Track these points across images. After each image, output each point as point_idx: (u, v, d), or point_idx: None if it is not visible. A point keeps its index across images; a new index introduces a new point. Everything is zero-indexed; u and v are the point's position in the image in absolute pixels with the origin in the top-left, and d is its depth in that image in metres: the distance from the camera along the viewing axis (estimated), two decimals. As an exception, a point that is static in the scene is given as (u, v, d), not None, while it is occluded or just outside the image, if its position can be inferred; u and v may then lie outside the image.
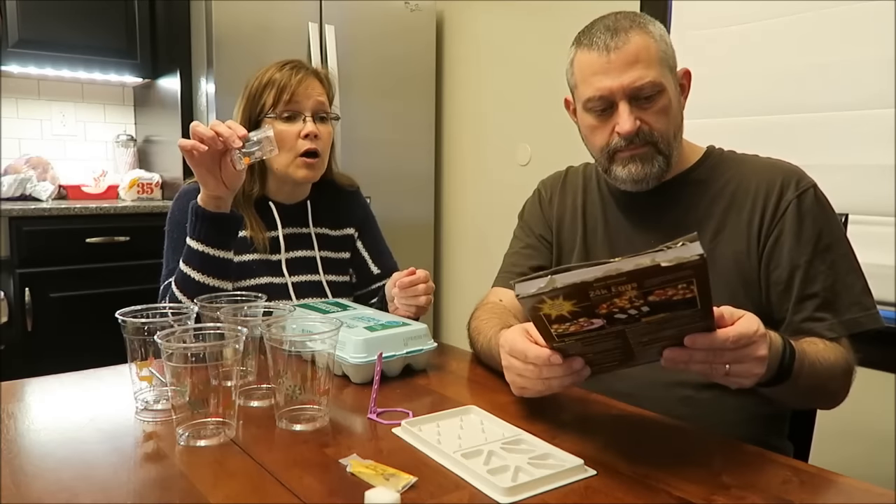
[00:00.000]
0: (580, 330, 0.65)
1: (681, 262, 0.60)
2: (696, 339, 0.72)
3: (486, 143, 2.89)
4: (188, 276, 1.17)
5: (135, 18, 2.60)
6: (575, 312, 0.62)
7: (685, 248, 0.61)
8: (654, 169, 1.05)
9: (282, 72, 1.31)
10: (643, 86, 1.00)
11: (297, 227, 1.40)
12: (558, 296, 0.60)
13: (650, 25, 1.05)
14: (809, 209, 1.01)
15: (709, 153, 1.13)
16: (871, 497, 0.69)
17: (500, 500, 0.65)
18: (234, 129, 1.10)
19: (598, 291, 0.60)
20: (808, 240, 1.00)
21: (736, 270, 1.03)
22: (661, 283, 0.61)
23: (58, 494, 0.65)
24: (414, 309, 1.21)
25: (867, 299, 1.01)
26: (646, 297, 0.62)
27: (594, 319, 0.63)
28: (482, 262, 2.88)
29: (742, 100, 1.98)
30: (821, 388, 0.94)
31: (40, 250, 2.24)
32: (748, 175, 1.07)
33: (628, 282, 0.60)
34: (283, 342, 0.81)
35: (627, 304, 0.63)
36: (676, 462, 0.75)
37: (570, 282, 0.59)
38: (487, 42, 2.85)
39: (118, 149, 2.88)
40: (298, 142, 1.30)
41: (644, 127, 1.02)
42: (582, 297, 0.61)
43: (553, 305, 0.61)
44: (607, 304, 0.62)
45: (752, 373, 0.76)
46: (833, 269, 1.00)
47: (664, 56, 1.04)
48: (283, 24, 2.48)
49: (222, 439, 0.78)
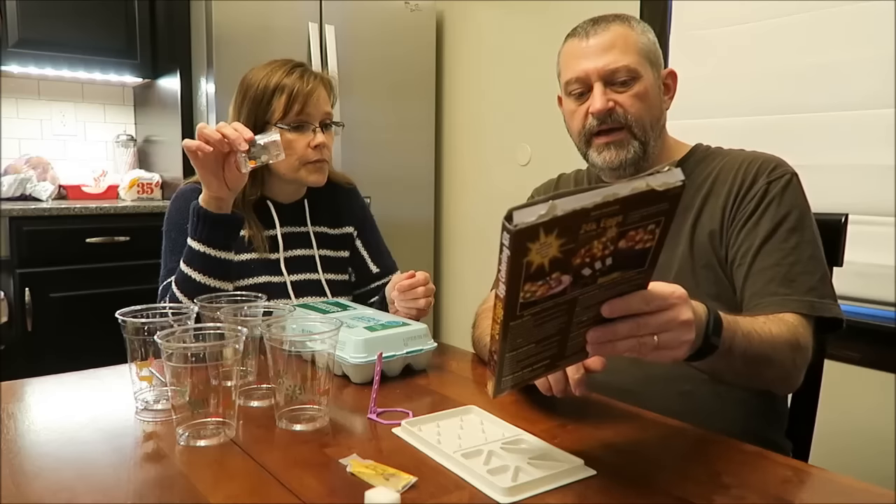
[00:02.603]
0: (545, 295, 0.63)
1: (668, 188, 0.61)
2: (613, 303, 0.68)
3: (486, 143, 2.89)
4: (189, 276, 1.17)
5: (135, 18, 2.60)
6: (555, 261, 0.61)
7: (670, 172, 0.62)
8: (630, 155, 1.07)
9: (291, 77, 1.30)
10: (617, 69, 1.04)
11: (295, 226, 1.40)
12: (553, 229, 0.58)
13: (634, 22, 1.09)
14: (778, 193, 1.01)
15: (695, 150, 1.15)
16: (871, 497, 0.69)
17: (500, 500, 0.65)
18: (241, 131, 1.10)
19: (590, 226, 0.60)
20: (769, 219, 1.00)
21: (712, 251, 1.04)
22: (640, 219, 0.62)
23: (58, 494, 0.65)
24: (414, 311, 1.21)
25: (825, 288, 0.98)
26: (617, 241, 0.63)
27: (563, 276, 0.63)
28: (482, 263, 2.89)
29: (742, 100, 1.98)
30: (764, 362, 0.88)
31: (40, 250, 2.24)
32: (728, 164, 1.08)
33: (618, 213, 0.60)
34: (283, 342, 0.81)
35: (600, 250, 0.63)
36: (676, 462, 0.75)
37: (570, 208, 0.58)
38: (487, 42, 2.85)
39: (118, 149, 2.88)
40: (308, 151, 1.31)
41: (618, 109, 1.05)
42: (572, 235, 0.60)
43: (541, 248, 0.59)
44: (586, 250, 0.62)
45: (681, 340, 0.71)
46: (795, 251, 0.99)
47: (644, 49, 1.07)
48: (283, 24, 2.48)
49: (222, 439, 0.78)
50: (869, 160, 1.72)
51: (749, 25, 1.96)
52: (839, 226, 1.10)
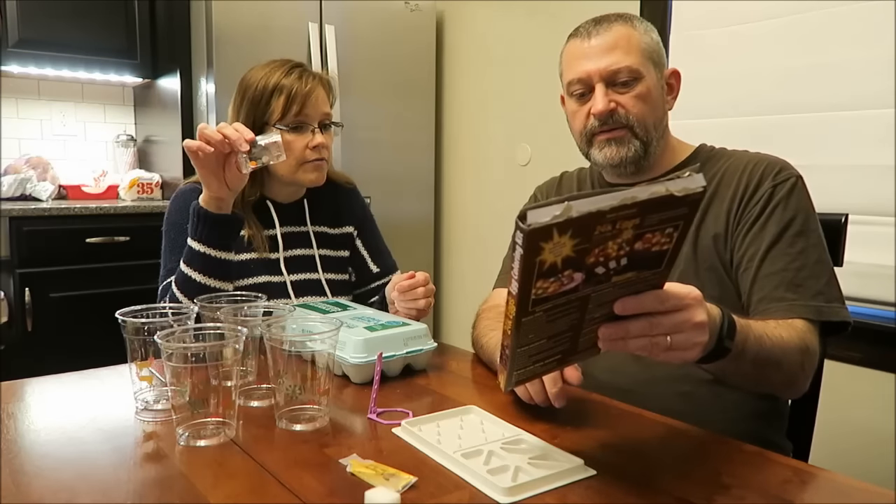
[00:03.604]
0: (557, 291, 0.63)
1: (688, 193, 0.61)
2: (626, 301, 0.66)
3: (486, 143, 2.89)
4: (189, 277, 1.17)
5: (135, 18, 2.60)
6: (568, 260, 0.61)
7: (691, 178, 0.61)
8: (630, 153, 1.07)
9: (289, 78, 1.30)
10: (619, 69, 1.04)
11: (294, 226, 1.40)
12: (567, 230, 0.58)
13: (636, 21, 1.08)
14: (784, 197, 1.01)
15: (698, 151, 1.15)
16: (870, 497, 0.69)
17: (500, 500, 0.65)
18: (242, 132, 1.10)
19: (605, 227, 0.59)
20: (776, 223, 1.00)
21: (716, 254, 1.04)
22: (658, 222, 0.62)
23: (58, 494, 0.65)
24: (415, 312, 1.21)
25: (832, 292, 0.98)
26: (633, 243, 0.62)
27: (576, 273, 0.62)
28: (482, 262, 2.88)
29: (742, 100, 1.98)
30: (773, 367, 0.88)
31: (40, 250, 2.24)
32: (733, 166, 1.08)
33: (635, 216, 0.60)
34: (283, 342, 0.81)
35: (615, 250, 0.62)
36: (676, 462, 0.75)
37: (586, 210, 0.57)
38: (487, 42, 2.85)
39: (118, 149, 2.88)
40: (306, 152, 1.31)
41: (620, 110, 1.05)
42: (586, 236, 0.59)
43: (554, 247, 0.59)
44: (600, 250, 0.61)
45: (694, 342, 0.70)
46: (801, 255, 0.99)
47: (647, 49, 1.06)
48: (283, 24, 2.48)
49: (222, 439, 0.78)
50: (869, 160, 1.72)
51: (749, 25, 1.96)
52: (839, 226, 1.10)
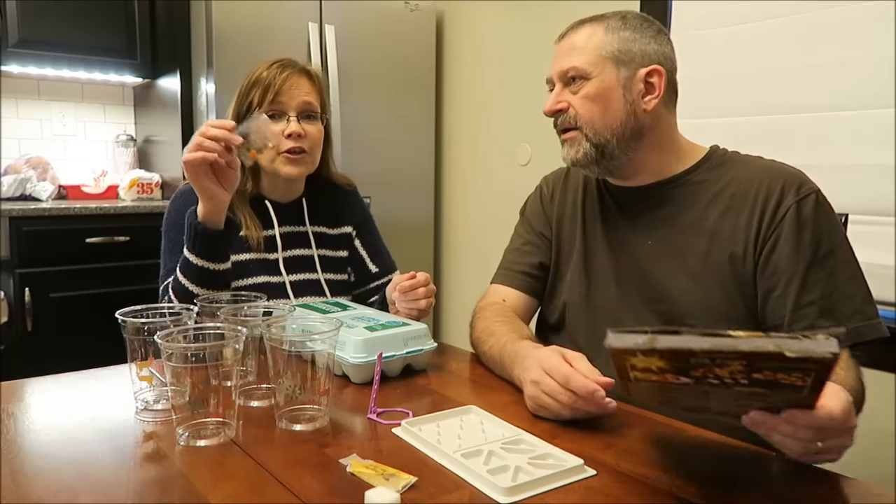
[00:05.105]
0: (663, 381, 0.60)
1: (808, 356, 0.54)
2: (795, 416, 0.64)
3: (486, 142, 2.89)
4: (185, 287, 1.16)
5: (135, 18, 2.60)
6: (664, 369, 0.58)
7: (818, 342, 0.54)
8: (579, 154, 1.09)
9: (269, 70, 1.32)
10: (566, 70, 1.08)
11: (293, 226, 1.40)
12: (653, 355, 0.55)
13: (614, 20, 1.07)
14: (809, 215, 0.99)
15: (710, 154, 1.12)
16: (870, 497, 0.69)
17: (500, 500, 0.65)
18: (223, 126, 1.09)
19: (701, 359, 0.55)
20: (806, 247, 0.98)
21: (732, 273, 1.02)
22: (775, 368, 0.56)
23: (58, 494, 0.65)
24: (415, 312, 1.21)
25: (869, 308, 0.98)
26: (750, 374, 0.57)
27: (682, 377, 0.58)
28: (482, 262, 2.88)
29: (742, 100, 1.98)
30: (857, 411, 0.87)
31: (40, 250, 2.24)
32: (749, 177, 1.05)
33: (738, 359, 0.55)
34: (283, 342, 0.81)
35: (727, 374, 0.57)
36: (676, 462, 0.75)
37: (671, 346, 0.55)
38: (487, 42, 2.85)
39: (118, 149, 2.88)
40: (282, 140, 1.30)
41: (570, 111, 1.08)
42: (680, 362, 0.56)
43: (644, 361, 0.57)
44: (704, 370, 0.57)
45: (844, 446, 0.70)
46: (833, 276, 0.98)
47: (609, 48, 1.05)
48: (283, 24, 2.48)
49: (222, 439, 0.78)
50: (869, 160, 1.72)
51: (749, 25, 1.96)
52: (839, 226, 1.10)
